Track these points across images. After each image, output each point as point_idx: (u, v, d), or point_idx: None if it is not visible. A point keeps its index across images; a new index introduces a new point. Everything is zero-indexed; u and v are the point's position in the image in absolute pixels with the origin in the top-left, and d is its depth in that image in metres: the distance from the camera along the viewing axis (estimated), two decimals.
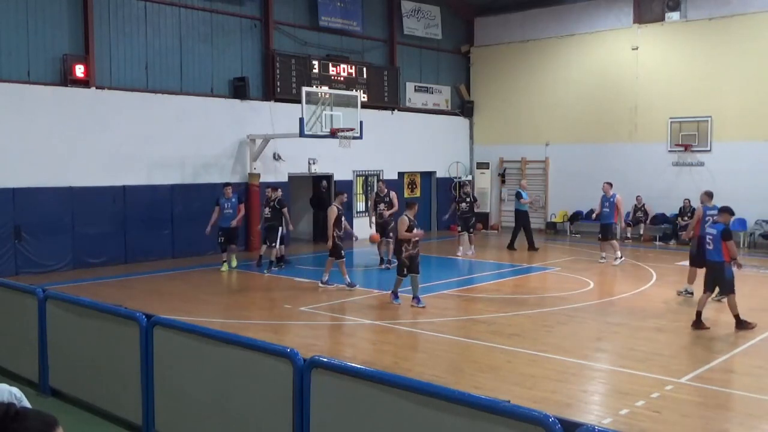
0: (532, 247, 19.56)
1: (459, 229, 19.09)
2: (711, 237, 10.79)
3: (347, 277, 13.88)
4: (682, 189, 20.95)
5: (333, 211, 14.04)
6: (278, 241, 15.93)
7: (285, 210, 16.18)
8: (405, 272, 11.98)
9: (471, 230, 18.97)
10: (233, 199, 16.14)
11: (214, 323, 9.93)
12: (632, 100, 22.63)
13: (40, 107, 15.71)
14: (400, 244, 12.03)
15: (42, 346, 7.43)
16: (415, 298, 12.00)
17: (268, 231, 15.97)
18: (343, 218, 14.30)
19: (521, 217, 20.02)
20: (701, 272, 11.74)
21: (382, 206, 16.73)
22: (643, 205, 21.96)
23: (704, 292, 10.89)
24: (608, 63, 23.15)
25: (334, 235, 13.74)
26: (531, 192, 20.78)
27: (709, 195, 13.18)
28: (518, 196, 20.12)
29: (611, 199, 17.16)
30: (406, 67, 24.45)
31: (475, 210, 19.53)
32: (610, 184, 17.45)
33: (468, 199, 19.20)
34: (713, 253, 10.74)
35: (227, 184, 16.53)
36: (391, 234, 16.42)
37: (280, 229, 15.96)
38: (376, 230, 16.57)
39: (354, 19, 22.36)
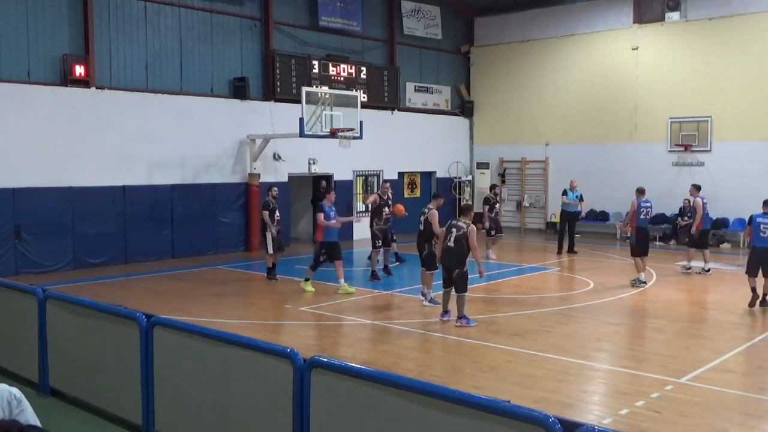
0: (571, 249, 18.86)
1: (494, 232, 18.38)
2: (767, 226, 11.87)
3: (431, 291, 12.28)
4: (682, 189, 20.82)
5: (435, 215, 11.97)
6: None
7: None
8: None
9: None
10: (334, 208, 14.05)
11: (214, 323, 9.93)
12: (632, 100, 22.63)
13: (40, 107, 15.71)
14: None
15: (42, 346, 7.42)
16: (464, 317, 10.72)
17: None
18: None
19: (566, 217, 19.22)
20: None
21: (387, 210, 15.12)
22: None
23: (749, 275, 12.05)
24: (608, 63, 23.15)
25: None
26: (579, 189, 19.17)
27: (640, 191, 14.51)
28: (564, 193, 19.35)
29: (696, 203, 15.87)
30: (406, 67, 24.46)
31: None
32: (697, 187, 15.98)
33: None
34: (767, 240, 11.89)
35: (328, 188, 14.50)
36: (395, 241, 15.92)
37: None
38: (378, 237, 15.00)
39: (354, 19, 22.37)
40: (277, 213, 14.77)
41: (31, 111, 15.59)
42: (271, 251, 14.71)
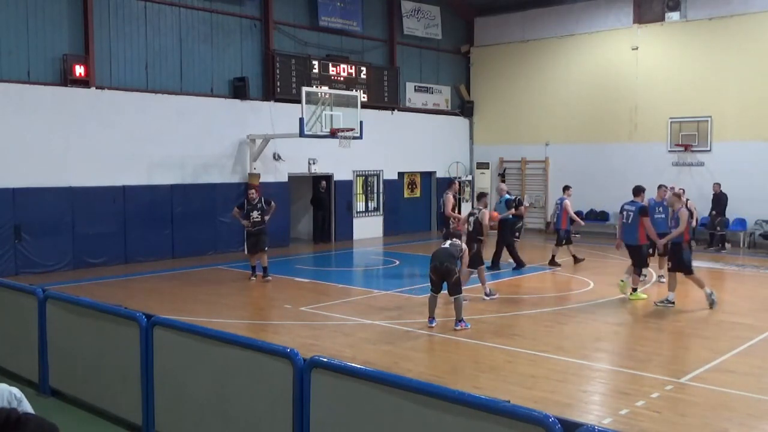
0: (495, 265, 16.38)
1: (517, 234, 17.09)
2: None
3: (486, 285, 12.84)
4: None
5: (486, 215, 12.59)
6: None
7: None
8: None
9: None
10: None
11: (214, 323, 9.93)
12: (632, 100, 22.63)
13: (40, 107, 15.71)
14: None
15: (42, 346, 7.42)
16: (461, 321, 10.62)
17: (258, 235, 14.50)
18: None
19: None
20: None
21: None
22: None
23: None
24: (608, 63, 23.15)
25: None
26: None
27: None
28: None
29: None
30: (406, 67, 24.45)
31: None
32: (641, 189, 13.47)
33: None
34: None
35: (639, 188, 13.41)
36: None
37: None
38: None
39: (354, 19, 22.37)
40: (255, 213, 14.43)
41: (31, 111, 15.59)
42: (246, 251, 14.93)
